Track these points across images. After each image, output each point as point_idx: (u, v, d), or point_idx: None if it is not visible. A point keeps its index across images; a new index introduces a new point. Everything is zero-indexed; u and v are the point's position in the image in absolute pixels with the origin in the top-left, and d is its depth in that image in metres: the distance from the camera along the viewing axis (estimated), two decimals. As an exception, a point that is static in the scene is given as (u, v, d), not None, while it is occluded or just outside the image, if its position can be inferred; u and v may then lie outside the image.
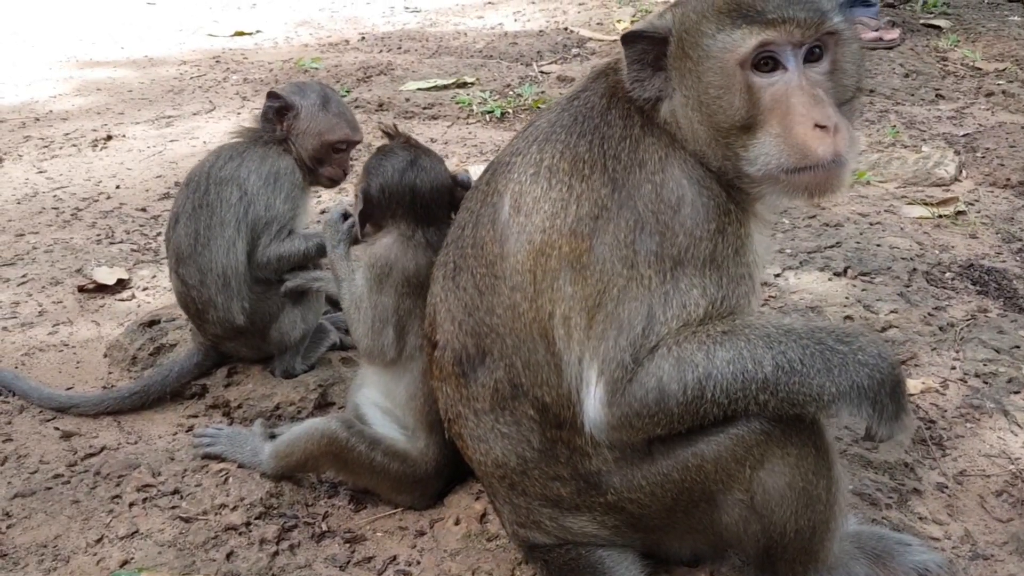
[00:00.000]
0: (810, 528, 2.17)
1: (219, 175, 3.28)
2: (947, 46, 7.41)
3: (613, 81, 2.28)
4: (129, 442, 3.12)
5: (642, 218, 2.09)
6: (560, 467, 2.25)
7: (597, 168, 2.15)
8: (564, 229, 2.14)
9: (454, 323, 2.31)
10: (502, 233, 2.22)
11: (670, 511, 2.23)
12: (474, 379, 2.28)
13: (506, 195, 2.25)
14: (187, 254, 3.25)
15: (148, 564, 2.60)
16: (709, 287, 2.07)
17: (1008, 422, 3.05)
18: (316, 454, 2.76)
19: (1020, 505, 2.72)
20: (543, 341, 2.17)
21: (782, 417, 2.07)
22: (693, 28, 2.12)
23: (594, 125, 2.21)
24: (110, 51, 8.05)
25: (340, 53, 7.79)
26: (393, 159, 2.75)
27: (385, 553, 2.63)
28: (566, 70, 6.97)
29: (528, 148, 2.29)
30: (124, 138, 5.90)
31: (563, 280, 2.14)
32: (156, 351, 3.53)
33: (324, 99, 3.35)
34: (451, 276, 2.33)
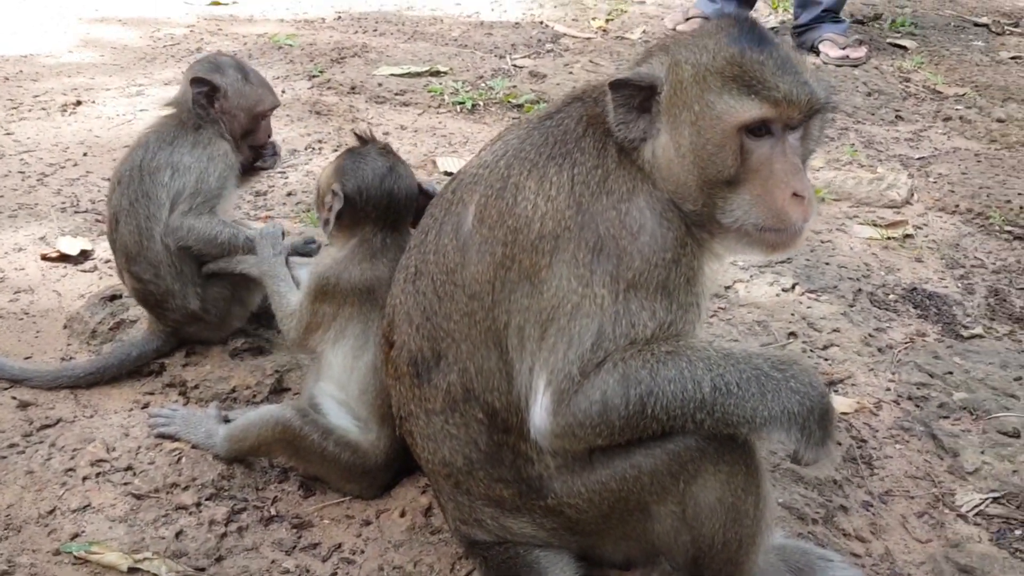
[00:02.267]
0: (736, 540, 2.29)
1: (151, 165, 3.28)
2: (911, 67, 7.57)
3: (591, 110, 2.35)
4: (85, 415, 3.17)
5: (602, 240, 2.18)
6: (504, 470, 2.35)
7: (564, 191, 2.23)
8: (526, 244, 2.22)
9: (411, 325, 2.39)
10: (464, 243, 2.30)
11: (606, 518, 2.33)
12: (428, 380, 2.37)
13: (471, 206, 2.33)
14: (135, 252, 3.29)
15: (98, 538, 2.67)
16: (658, 311, 2.17)
17: (935, 446, 3.20)
18: (269, 440, 2.84)
19: (940, 527, 2.86)
20: (496, 349, 2.27)
21: (716, 436, 2.18)
22: (692, 83, 2.21)
23: (567, 150, 2.29)
24: (83, 12, 7.97)
25: (315, 31, 7.79)
26: (372, 164, 2.83)
27: (331, 540, 2.72)
28: (539, 65, 7.03)
29: (496, 163, 2.36)
30: (94, 104, 5.88)
31: (520, 293, 2.23)
32: (116, 326, 3.58)
33: (243, 72, 3.41)
34: (411, 280, 2.41)
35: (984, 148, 6.07)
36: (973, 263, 4.59)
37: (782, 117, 2.18)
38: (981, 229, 4.96)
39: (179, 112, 3.40)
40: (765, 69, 2.16)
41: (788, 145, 2.21)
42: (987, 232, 4.93)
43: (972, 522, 2.88)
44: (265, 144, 3.56)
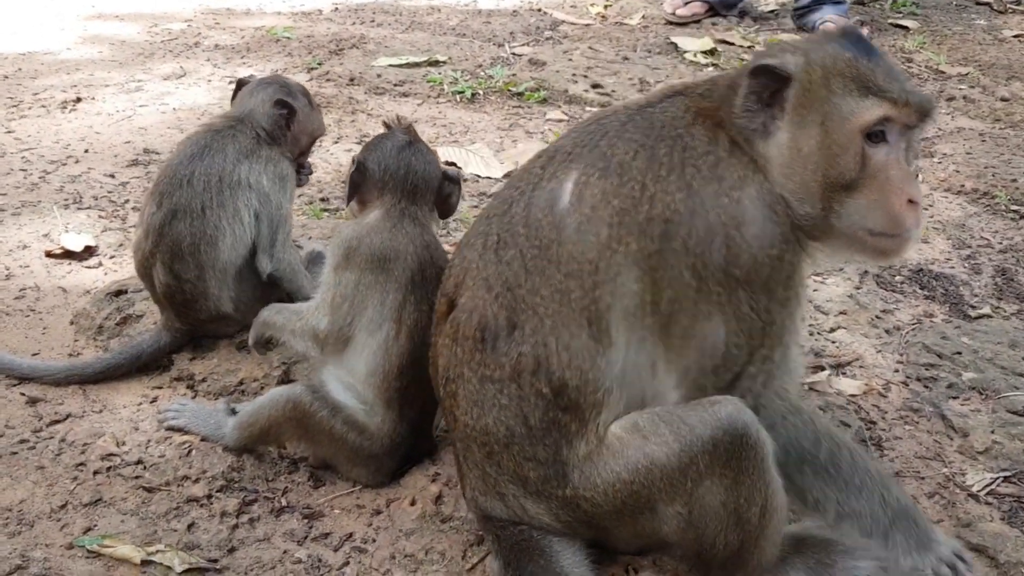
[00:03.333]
0: (738, 543, 2.30)
1: (232, 179, 3.35)
2: (913, 47, 7.55)
3: (697, 103, 2.38)
4: (94, 410, 3.17)
5: (712, 229, 2.21)
6: (541, 449, 2.33)
7: (675, 172, 2.26)
8: (633, 226, 2.24)
9: (489, 292, 2.36)
10: (560, 219, 2.30)
11: (618, 514, 2.33)
12: (494, 348, 2.34)
13: (567, 183, 2.33)
14: (187, 251, 3.30)
15: (111, 532, 2.67)
16: (763, 311, 2.24)
17: (945, 426, 3.20)
18: (279, 420, 2.84)
19: (951, 507, 2.86)
20: (588, 328, 2.26)
21: (730, 438, 2.20)
22: (820, 83, 2.26)
23: (676, 133, 2.32)
24: (81, 9, 7.96)
25: (313, 23, 7.78)
26: (393, 139, 2.91)
27: (342, 530, 2.72)
28: (538, 52, 7.01)
29: (596, 142, 2.37)
30: (93, 100, 5.87)
31: (627, 276, 2.25)
32: (123, 321, 3.58)
33: (308, 98, 3.62)
34: (494, 248, 2.39)
35: (989, 127, 6.05)
36: (979, 243, 4.58)
37: (900, 118, 2.25)
38: (987, 209, 4.95)
39: (249, 125, 3.46)
40: (879, 73, 2.25)
41: (902, 152, 2.28)
42: (993, 212, 4.91)
43: (983, 501, 2.87)
44: (305, 163, 3.73)
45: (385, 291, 2.78)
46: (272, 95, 3.49)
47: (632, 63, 6.84)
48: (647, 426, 2.27)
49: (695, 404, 2.25)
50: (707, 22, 8.06)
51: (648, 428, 2.26)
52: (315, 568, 2.59)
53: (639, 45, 7.42)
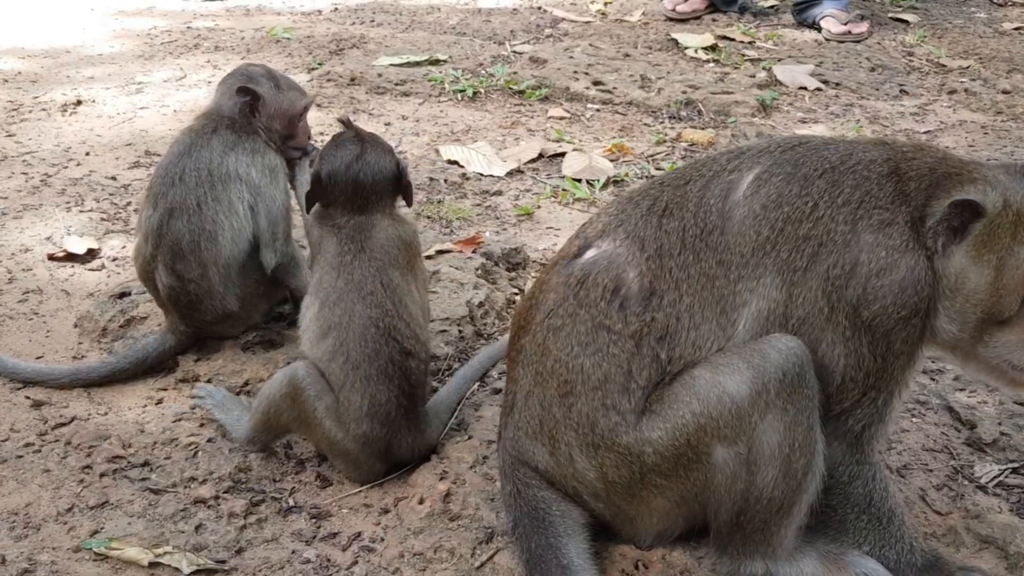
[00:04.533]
0: (778, 502, 2.32)
1: (222, 171, 3.32)
2: (914, 41, 7.54)
3: (898, 164, 2.41)
4: (99, 413, 3.17)
5: (859, 266, 2.29)
6: (627, 400, 2.35)
7: (847, 208, 2.33)
8: (791, 237, 2.32)
9: (642, 252, 2.39)
10: (729, 210, 2.37)
11: (674, 466, 2.34)
12: (623, 305, 2.37)
13: (748, 175, 2.40)
14: (188, 250, 3.28)
15: (118, 534, 2.66)
16: (879, 356, 2.32)
17: (952, 419, 3.19)
18: (278, 399, 2.85)
19: (959, 499, 2.85)
20: (722, 316, 2.33)
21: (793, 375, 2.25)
22: (1009, 226, 2.32)
23: (865, 177, 2.37)
24: (79, 12, 7.96)
25: (313, 24, 7.77)
26: (343, 151, 2.97)
27: (350, 529, 2.72)
28: (539, 50, 7.01)
29: (790, 147, 2.46)
30: (94, 103, 5.87)
31: (769, 281, 2.33)
32: (127, 323, 3.57)
33: (273, 79, 3.49)
34: (659, 213, 2.43)
35: (990, 120, 6.04)
36: (983, 235, 4.56)
37: None
38: (989, 201, 4.93)
39: (223, 119, 3.41)
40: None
41: None
42: (996, 204, 4.90)
43: (992, 493, 2.86)
44: (306, 145, 3.61)
45: (315, 273, 2.93)
46: (233, 84, 3.44)
47: (633, 60, 6.83)
48: (719, 359, 2.31)
49: (765, 338, 2.30)
50: (707, 18, 8.06)
51: (720, 361, 2.30)
52: (324, 568, 2.58)
53: (640, 42, 7.42)
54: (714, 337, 2.34)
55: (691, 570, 2.53)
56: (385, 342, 2.79)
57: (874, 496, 2.43)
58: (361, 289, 2.83)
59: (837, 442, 2.38)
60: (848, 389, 2.35)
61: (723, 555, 2.45)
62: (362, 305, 2.81)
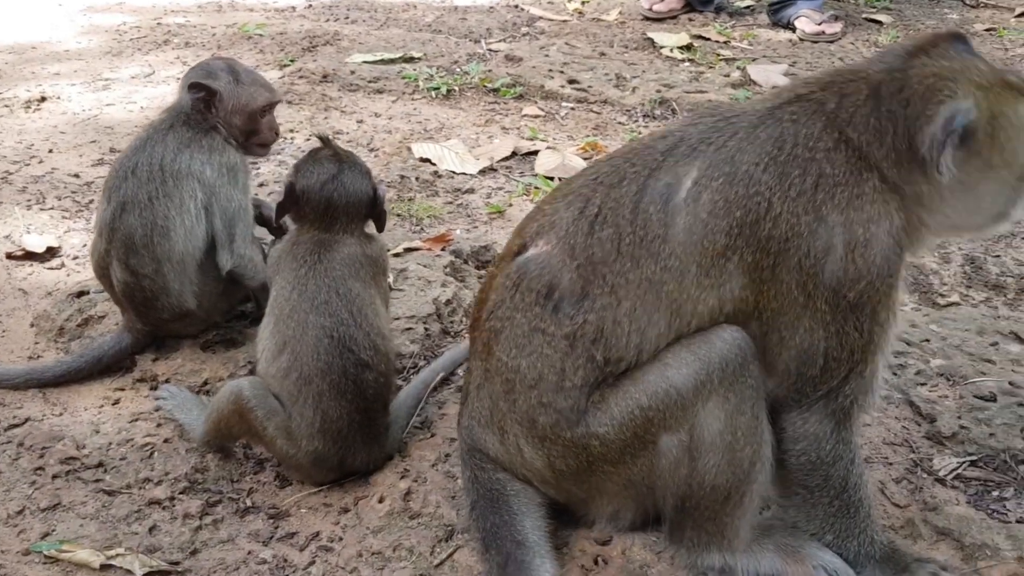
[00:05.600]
0: (724, 491, 2.31)
1: (175, 168, 3.26)
2: (886, 41, 7.55)
3: (840, 124, 2.29)
4: (54, 414, 3.12)
5: (830, 251, 2.22)
6: (564, 400, 2.35)
7: (805, 196, 2.23)
8: (753, 241, 2.24)
9: (572, 259, 2.35)
10: (671, 217, 2.28)
11: (621, 454, 2.34)
12: (556, 308, 2.35)
13: (686, 180, 2.30)
14: (141, 244, 3.23)
15: (69, 537, 2.62)
16: (865, 332, 2.27)
17: (913, 412, 3.19)
18: (227, 414, 2.80)
19: (918, 492, 2.85)
20: (675, 319, 2.29)
21: (735, 364, 2.25)
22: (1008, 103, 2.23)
23: (812, 157, 2.26)
24: (47, 8, 7.87)
25: (286, 20, 7.72)
26: (320, 168, 2.92)
27: (308, 529, 2.68)
28: (515, 48, 6.98)
29: (723, 142, 2.31)
30: (59, 100, 5.80)
31: (735, 284, 2.27)
32: (84, 322, 3.52)
33: (234, 73, 3.40)
34: (591, 219, 2.36)
35: (960, 118, 6.05)
36: (951, 232, 4.57)
37: None
38: (958, 198, 4.94)
39: (181, 115, 3.36)
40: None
41: None
42: (964, 201, 4.91)
43: (950, 485, 2.86)
44: (273, 142, 3.56)
45: (272, 295, 2.87)
46: (186, 81, 3.39)
47: (609, 59, 6.82)
48: (667, 355, 2.30)
49: (711, 329, 2.28)
50: (683, 17, 8.05)
51: (668, 356, 2.29)
52: (280, 568, 2.55)
53: (616, 41, 7.40)
54: (662, 339, 2.31)
55: (651, 564, 2.51)
56: (339, 354, 2.72)
57: (850, 481, 2.40)
58: (315, 300, 2.75)
59: (824, 421, 2.33)
60: (833, 369, 2.29)
61: (679, 547, 2.44)
62: (315, 315, 2.73)
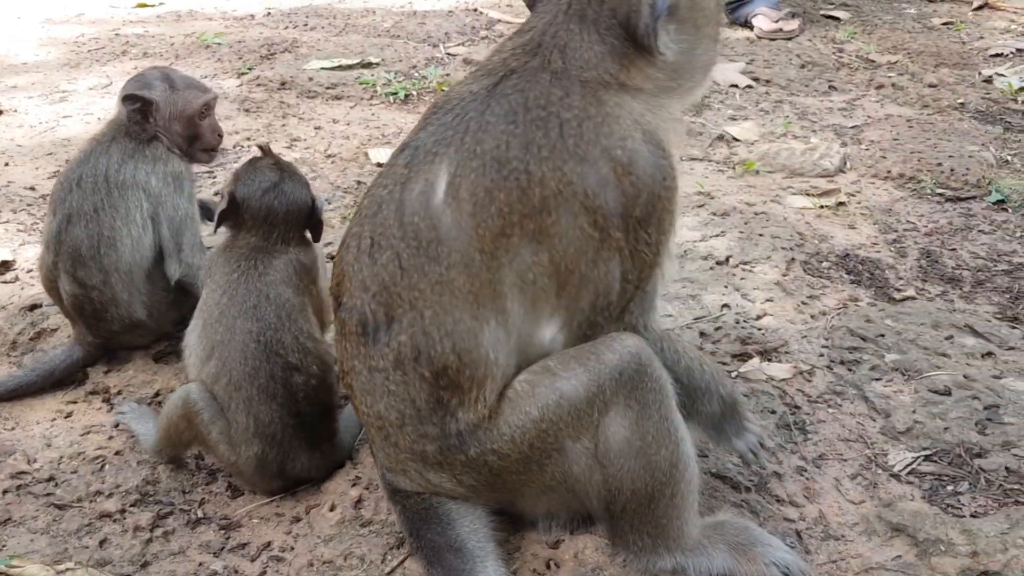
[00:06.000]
0: (648, 494, 2.33)
1: (119, 178, 3.27)
2: (844, 37, 7.62)
3: (554, 66, 2.36)
4: (5, 428, 3.09)
5: (606, 181, 2.26)
6: (431, 427, 2.38)
7: (557, 149, 2.26)
8: (528, 210, 2.25)
9: (366, 292, 2.38)
10: (437, 219, 2.29)
11: (526, 463, 2.36)
12: (375, 340, 2.38)
13: (438, 185, 2.30)
14: (88, 255, 3.22)
15: (20, 551, 2.60)
16: (654, 244, 2.31)
17: (867, 408, 3.21)
18: (175, 419, 2.80)
19: (873, 488, 2.87)
20: (474, 309, 2.28)
21: (633, 370, 2.28)
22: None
23: (548, 112, 2.29)
24: (5, 20, 7.79)
25: (244, 28, 7.68)
26: (260, 177, 2.94)
27: (260, 539, 2.67)
28: (473, 52, 6.98)
29: (460, 139, 2.32)
30: (15, 112, 5.75)
31: (526, 252, 2.27)
32: (36, 336, 3.50)
33: (168, 81, 3.42)
34: (368, 252, 2.39)
35: (916, 114, 6.11)
36: (905, 227, 4.62)
37: None
38: (913, 193, 5.00)
39: (124, 128, 3.37)
40: None
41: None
42: (919, 196, 4.96)
43: (905, 481, 2.89)
44: (217, 146, 3.56)
45: (202, 298, 2.88)
46: (123, 92, 3.39)
47: (566, 60, 6.81)
48: (557, 365, 2.32)
49: (602, 339, 2.32)
50: (642, 17, 8.06)
51: (558, 367, 2.31)
52: (232, 579, 2.54)
53: (574, 42, 7.40)
54: (473, 333, 2.30)
55: (603, 567, 2.52)
56: (266, 358, 2.72)
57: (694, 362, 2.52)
58: (243, 304, 2.77)
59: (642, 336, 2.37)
60: (629, 290, 2.34)
61: (628, 551, 2.45)
62: (243, 320, 2.74)
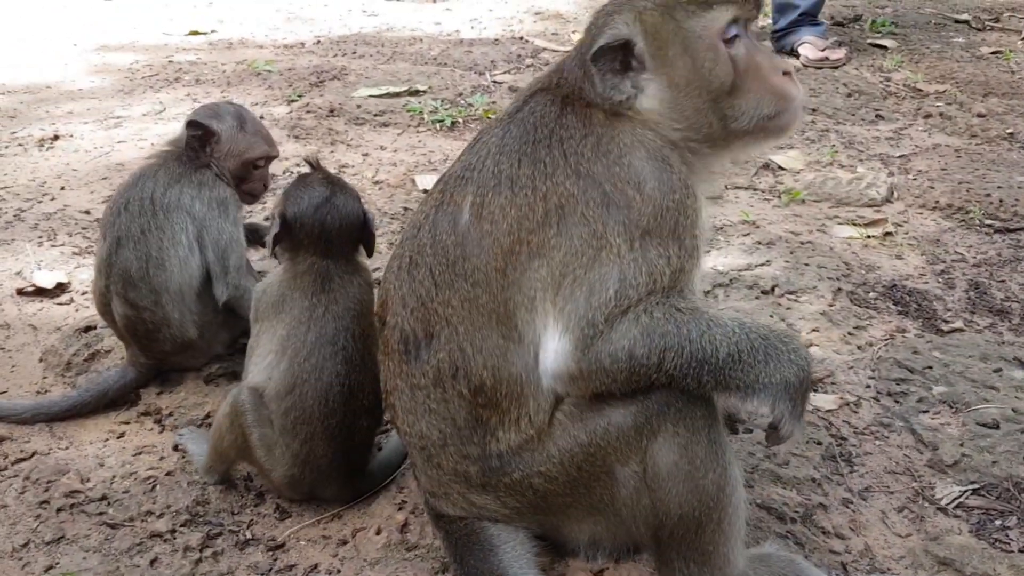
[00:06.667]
0: (695, 519, 2.31)
1: (164, 201, 3.35)
2: (891, 66, 7.58)
3: (560, 93, 2.45)
4: (60, 447, 3.16)
5: (609, 196, 2.28)
6: (472, 447, 2.42)
7: (560, 166, 2.33)
8: (533, 225, 2.31)
9: (405, 308, 2.47)
10: (463, 238, 2.39)
11: (573, 485, 2.37)
12: (416, 358, 2.45)
13: (464, 206, 2.41)
14: (138, 277, 3.30)
15: (72, 569, 2.65)
16: (672, 257, 2.26)
17: (915, 440, 3.18)
18: (223, 423, 2.86)
19: (919, 521, 2.84)
20: (499, 329, 2.34)
21: (682, 397, 2.25)
22: (662, 22, 2.36)
23: (550, 130, 2.38)
24: (62, 48, 8.01)
25: (295, 56, 7.82)
26: (311, 193, 2.93)
27: (307, 561, 2.70)
28: (519, 80, 7.05)
29: (482, 162, 2.44)
30: (71, 138, 5.89)
31: (533, 268, 2.31)
32: (91, 357, 3.57)
33: (240, 120, 3.52)
34: (407, 269, 2.50)
35: (964, 144, 6.07)
36: (954, 258, 4.58)
37: (743, 14, 2.37)
38: (961, 224, 4.95)
39: (177, 152, 3.49)
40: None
41: (754, 41, 2.42)
42: (967, 227, 4.92)
43: (952, 514, 2.86)
44: (260, 194, 3.67)
45: (275, 330, 2.85)
46: (190, 118, 3.49)
47: (610, 88, 6.85)
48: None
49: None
50: (687, 46, 8.08)
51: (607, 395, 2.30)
52: (279, 601, 2.57)
53: (618, 70, 7.44)
54: (500, 350, 2.34)
55: (644, 593, 2.52)
56: (344, 402, 2.77)
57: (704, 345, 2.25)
58: (334, 344, 2.79)
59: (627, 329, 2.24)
60: (630, 296, 2.23)
61: None
62: (332, 362, 2.77)
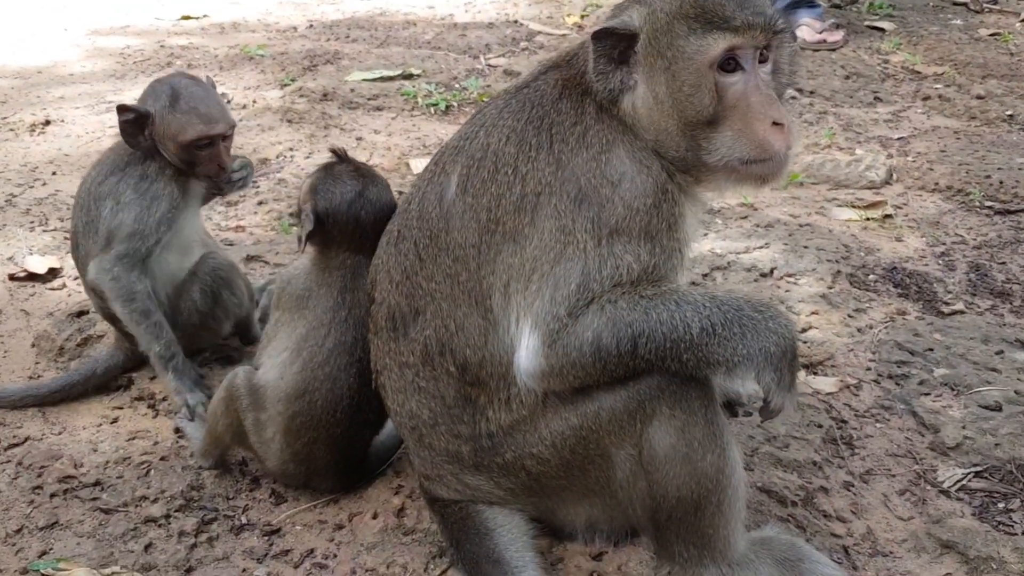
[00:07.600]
0: (694, 502, 2.28)
1: (98, 191, 3.17)
2: (889, 48, 7.54)
3: (565, 74, 2.42)
4: (53, 433, 3.12)
5: (583, 191, 2.25)
6: (463, 426, 2.40)
7: (543, 150, 2.30)
8: (509, 207, 2.29)
9: (391, 283, 2.46)
10: (447, 210, 2.37)
11: (567, 467, 2.34)
12: (404, 335, 2.44)
13: (453, 176, 2.40)
14: (83, 268, 3.25)
15: (66, 555, 2.62)
16: (642, 255, 2.22)
17: (916, 423, 3.16)
18: (218, 405, 2.83)
19: (921, 504, 2.82)
20: (478, 308, 2.32)
21: (676, 380, 2.22)
22: (664, 29, 2.28)
23: (543, 112, 2.36)
24: (53, 33, 7.93)
25: (287, 40, 7.75)
26: (342, 187, 2.75)
27: (303, 546, 2.67)
28: (513, 63, 7.00)
29: (476, 134, 2.43)
30: (63, 123, 5.84)
31: (506, 253, 2.29)
32: (83, 342, 3.53)
33: (173, 98, 3.11)
34: (394, 243, 2.49)
35: (963, 125, 6.04)
36: (954, 240, 4.55)
37: (747, 43, 2.23)
38: (961, 206, 4.92)
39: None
40: (725, 5, 2.22)
41: (760, 78, 2.27)
42: (967, 208, 4.89)
43: (954, 497, 2.83)
44: (218, 174, 3.22)
45: (294, 326, 2.75)
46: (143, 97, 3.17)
47: (607, 71, 6.80)
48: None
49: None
50: (683, 29, 8.03)
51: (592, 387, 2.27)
52: (275, 586, 2.54)
53: (614, 53, 7.39)
54: (480, 329, 2.32)
55: (646, 580, 2.49)
56: (351, 414, 2.72)
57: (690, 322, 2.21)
58: (351, 355, 2.68)
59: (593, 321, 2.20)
60: (594, 290, 2.20)
61: (674, 563, 2.41)
62: (347, 373, 2.68)
